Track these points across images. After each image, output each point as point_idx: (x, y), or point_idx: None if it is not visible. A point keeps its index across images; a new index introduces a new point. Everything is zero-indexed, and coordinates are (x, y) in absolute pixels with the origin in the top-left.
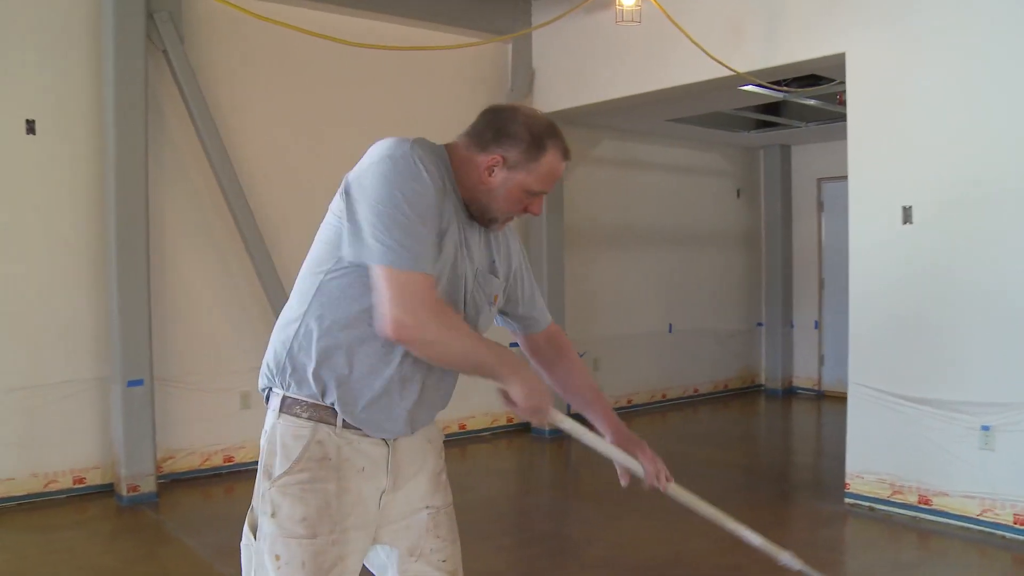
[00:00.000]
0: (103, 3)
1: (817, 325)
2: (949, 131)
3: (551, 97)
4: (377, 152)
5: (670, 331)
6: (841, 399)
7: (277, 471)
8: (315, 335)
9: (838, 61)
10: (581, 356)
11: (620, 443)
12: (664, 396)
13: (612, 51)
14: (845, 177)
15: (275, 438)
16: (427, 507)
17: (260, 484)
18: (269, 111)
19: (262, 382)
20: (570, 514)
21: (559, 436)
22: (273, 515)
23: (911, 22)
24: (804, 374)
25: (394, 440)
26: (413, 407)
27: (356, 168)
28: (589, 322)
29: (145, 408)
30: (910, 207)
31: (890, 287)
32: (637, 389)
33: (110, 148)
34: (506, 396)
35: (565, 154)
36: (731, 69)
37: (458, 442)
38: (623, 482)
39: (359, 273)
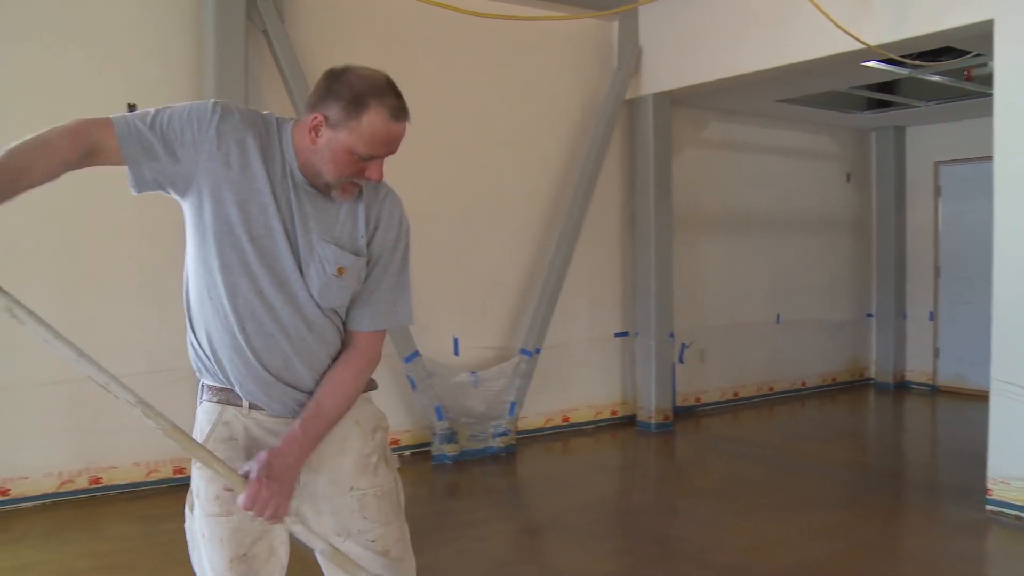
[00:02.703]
0: None
1: (932, 316)
2: None
3: (660, 77)
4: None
5: (778, 321)
6: (958, 395)
7: None
8: (196, 316)
9: (982, 30)
10: (687, 347)
11: (261, 458)
12: (771, 389)
13: (726, 27)
14: (966, 160)
15: (196, 423)
16: (352, 489)
17: (192, 466)
18: None
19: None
20: (685, 514)
21: (665, 430)
22: (197, 495)
23: None
24: (917, 368)
25: None
26: (276, 378)
27: None
28: (696, 311)
29: None
30: None
31: None
32: (744, 382)
33: None
34: None
35: (395, 114)
36: (862, 42)
37: (561, 436)
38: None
39: (203, 254)
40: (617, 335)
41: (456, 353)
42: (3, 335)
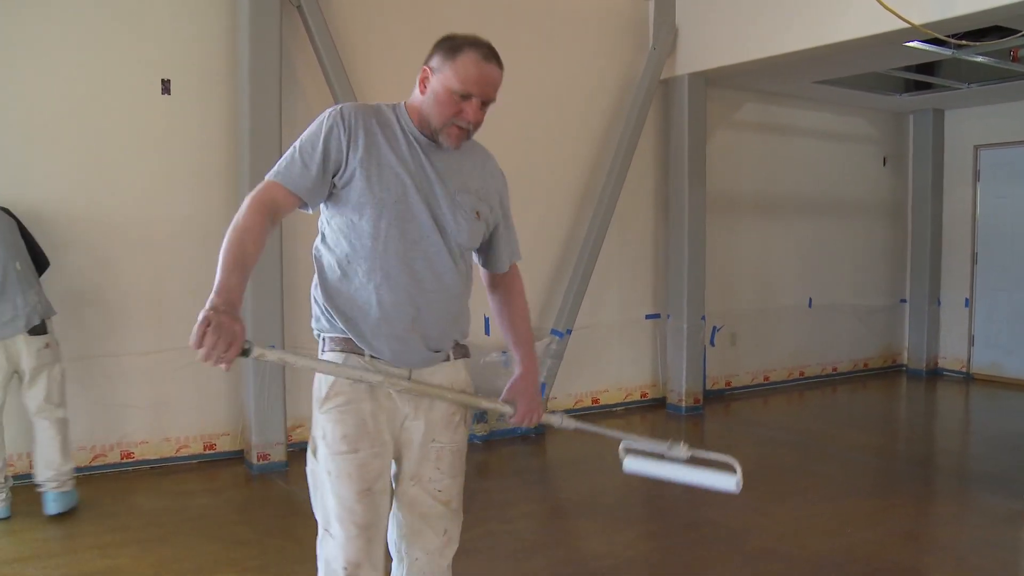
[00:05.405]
0: None
1: (968, 303)
2: None
3: (696, 56)
4: None
5: (810, 305)
6: (993, 383)
7: (320, 399)
8: (326, 281)
9: None
10: (718, 330)
11: (516, 385)
12: (802, 374)
13: (765, 5)
14: (1007, 144)
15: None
16: (434, 441)
17: (314, 414)
18: (404, 67)
19: (313, 329)
20: (716, 499)
21: (695, 413)
22: (323, 437)
23: None
24: (951, 355)
25: (417, 372)
26: (406, 331)
27: None
28: (728, 294)
29: (276, 375)
30: None
31: None
32: (774, 366)
33: (244, 107)
34: None
35: (486, 56)
36: (907, 21)
37: (591, 417)
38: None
39: (339, 225)
40: (648, 317)
41: (487, 332)
42: None
